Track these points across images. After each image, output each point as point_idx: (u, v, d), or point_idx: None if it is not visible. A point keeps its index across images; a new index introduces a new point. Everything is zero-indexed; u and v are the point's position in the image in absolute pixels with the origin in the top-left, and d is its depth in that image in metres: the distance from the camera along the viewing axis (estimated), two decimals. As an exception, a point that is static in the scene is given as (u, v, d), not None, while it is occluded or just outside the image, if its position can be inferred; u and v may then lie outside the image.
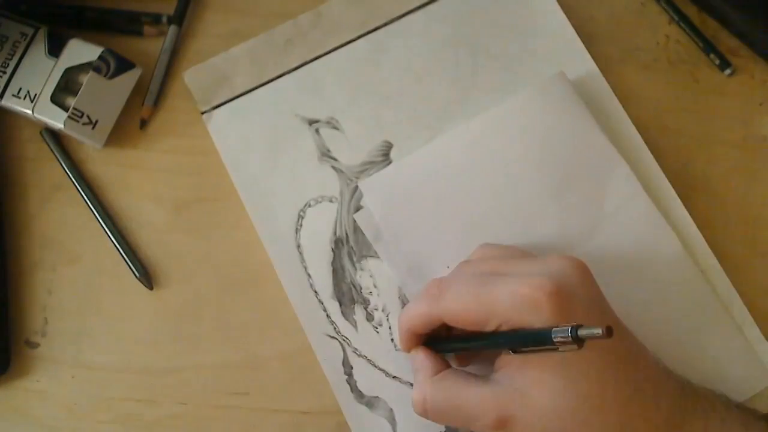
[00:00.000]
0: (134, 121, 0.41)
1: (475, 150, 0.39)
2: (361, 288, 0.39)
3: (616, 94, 0.40)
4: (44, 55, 0.40)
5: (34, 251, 0.40)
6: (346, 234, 0.39)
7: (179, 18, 0.42)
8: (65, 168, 0.41)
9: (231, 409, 0.38)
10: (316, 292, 0.39)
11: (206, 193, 0.41)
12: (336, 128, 0.40)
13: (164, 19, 0.42)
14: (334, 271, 0.39)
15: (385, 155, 0.40)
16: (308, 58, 0.41)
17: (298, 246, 0.39)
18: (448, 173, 0.38)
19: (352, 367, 0.38)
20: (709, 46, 0.41)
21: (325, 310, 0.38)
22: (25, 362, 0.39)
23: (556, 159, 0.38)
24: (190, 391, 0.38)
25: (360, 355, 0.38)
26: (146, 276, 0.39)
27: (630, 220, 0.38)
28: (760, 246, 0.39)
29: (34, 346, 0.39)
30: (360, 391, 0.37)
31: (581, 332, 0.24)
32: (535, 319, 0.28)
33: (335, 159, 0.40)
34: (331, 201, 0.40)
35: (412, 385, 0.37)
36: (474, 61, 0.41)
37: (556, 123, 0.39)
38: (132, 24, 0.42)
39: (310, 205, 0.40)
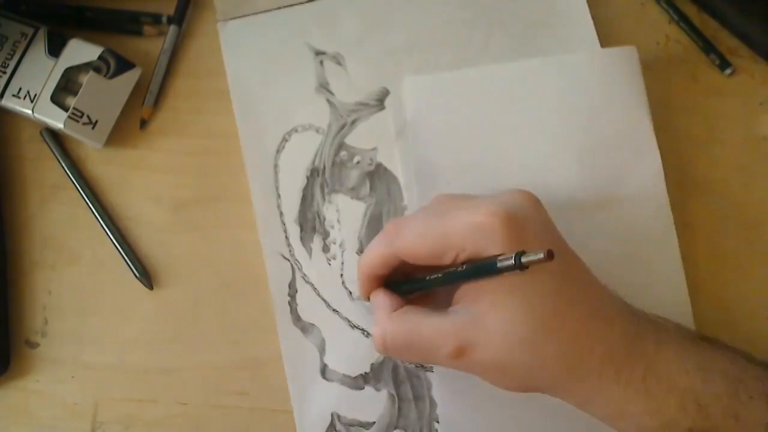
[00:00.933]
0: (134, 121, 0.41)
1: (522, 88, 0.39)
2: (325, 219, 0.39)
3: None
4: (44, 55, 0.40)
5: (34, 251, 0.40)
6: (324, 166, 0.40)
7: (179, 18, 0.42)
8: (65, 168, 0.41)
9: (231, 409, 0.38)
10: (281, 212, 0.40)
11: (206, 193, 0.41)
12: (339, 64, 0.41)
13: (164, 19, 0.42)
14: (303, 198, 0.40)
15: (379, 101, 0.41)
16: None
17: (276, 166, 0.40)
18: (488, 101, 0.39)
19: (296, 291, 0.39)
20: (709, 46, 0.41)
21: (285, 231, 0.39)
22: (25, 362, 0.39)
23: (594, 126, 0.39)
24: (190, 391, 0.38)
25: (307, 282, 0.39)
26: (146, 276, 0.39)
27: (640, 211, 0.38)
28: (760, 246, 0.39)
29: (34, 346, 0.39)
30: (298, 315, 0.38)
31: (524, 259, 0.26)
32: (490, 244, 0.29)
33: (332, 93, 0.41)
34: (317, 131, 0.40)
35: (348, 321, 0.38)
36: (488, 27, 0.41)
37: (609, 92, 0.39)
38: (132, 24, 0.42)
39: (296, 131, 0.40)
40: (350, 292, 0.39)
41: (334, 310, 0.39)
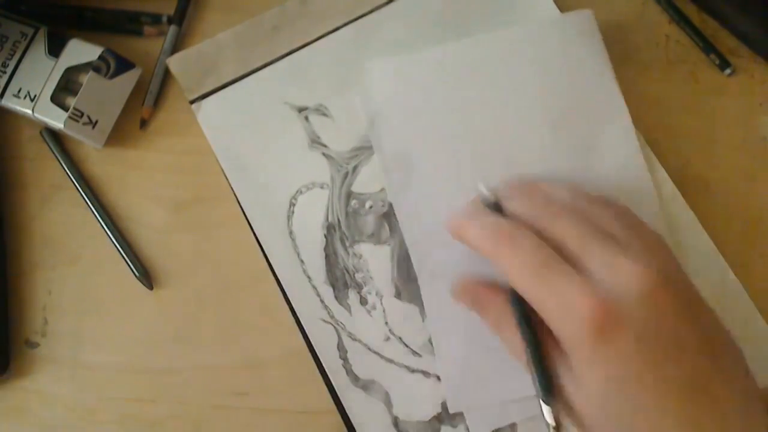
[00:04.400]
0: (134, 121, 0.41)
1: (486, 63, 0.39)
2: (354, 272, 0.39)
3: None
4: (44, 55, 0.40)
5: (34, 251, 0.40)
6: (338, 220, 0.39)
7: (179, 18, 0.42)
8: (65, 168, 0.41)
9: (231, 409, 0.38)
10: (309, 277, 0.39)
11: (206, 193, 0.41)
12: (325, 115, 0.40)
13: (164, 19, 0.42)
14: (327, 257, 0.39)
15: None
16: (295, 46, 0.41)
17: (291, 233, 0.39)
18: (454, 79, 0.39)
19: (347, 351, 0.38)
20: (709, 46, 0.41)
21: (318, 296, 0.39)
22: (25, 362, 0.39)
23: (562, 92, 0.39)
24: (190, 391, 0.38)
25: (355, 339, 0.38)
26: (146, 276, 0.39)
27: (617, 172, 0.38)
28: (761, 246, 0.39)
29: (34, 346, 0.39)
30: (355, 375, 0.38)
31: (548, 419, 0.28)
32: (570, 330, 0.28)
33: (325, 146, 0.40)
34: (322, 187, 0.40)
35: (407, 367, 0.38)
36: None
37: (571, 56, 0.39)
38: (132, 24, 0.42)
39: (301, 192, 0.40)
40: (400, 338, 0.38)
41: (389, 360, 0.38)
